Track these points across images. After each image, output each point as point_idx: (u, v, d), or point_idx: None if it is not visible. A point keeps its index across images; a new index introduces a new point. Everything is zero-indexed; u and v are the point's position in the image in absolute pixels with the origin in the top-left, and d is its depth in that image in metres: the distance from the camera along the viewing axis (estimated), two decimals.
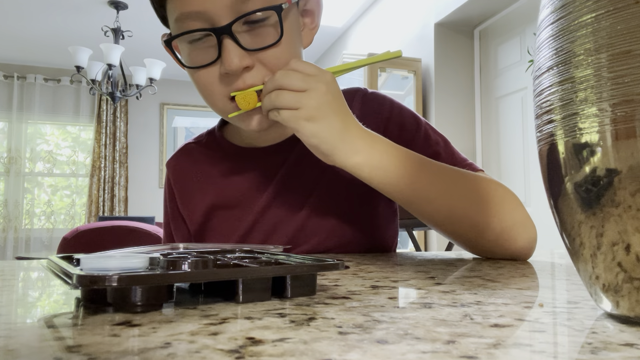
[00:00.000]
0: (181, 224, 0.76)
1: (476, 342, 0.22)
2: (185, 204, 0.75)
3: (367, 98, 0.74)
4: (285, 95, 0.52)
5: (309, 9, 0.66)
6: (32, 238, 5.00)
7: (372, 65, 2.86)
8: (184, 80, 5.52)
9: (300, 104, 0.52)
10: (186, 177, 0.76)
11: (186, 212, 0.75)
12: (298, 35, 0.63)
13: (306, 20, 0.66)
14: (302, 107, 0.52)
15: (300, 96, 0.52)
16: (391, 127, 0.71)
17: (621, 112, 0.23)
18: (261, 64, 0.57)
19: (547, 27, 0.27)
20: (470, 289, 0.37)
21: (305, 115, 0.52)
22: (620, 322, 0.25)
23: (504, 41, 2.72)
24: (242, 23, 0.56)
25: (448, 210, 0.59)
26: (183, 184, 0.76)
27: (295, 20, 0.62)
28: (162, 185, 5.39)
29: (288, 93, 0.52)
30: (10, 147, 4.96)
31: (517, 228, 0.60)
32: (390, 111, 0.73)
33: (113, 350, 0.20)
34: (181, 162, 0.78)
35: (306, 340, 0.22)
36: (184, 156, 0.79)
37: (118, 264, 0.30)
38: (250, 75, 0.57)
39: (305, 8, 0.65)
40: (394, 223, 0.79)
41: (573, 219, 0.26)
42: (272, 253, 0.44)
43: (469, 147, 2.88)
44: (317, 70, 0.54)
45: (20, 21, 3.96)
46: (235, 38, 0.55)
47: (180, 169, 0.77)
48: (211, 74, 0.58)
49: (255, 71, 0.57)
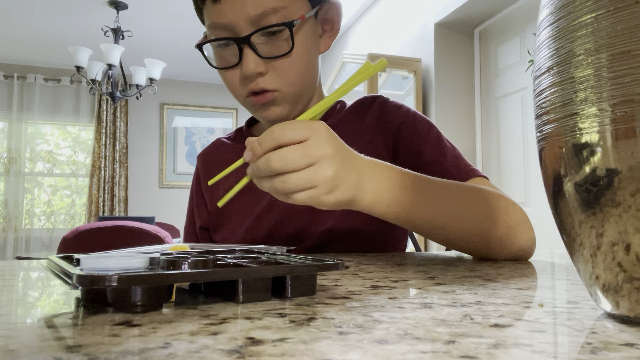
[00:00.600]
0: (203, 207, 0.85)
1: (476, 342, 0.22)
2: (209, 189, 0.84)
3: (385, 104, 0.80)
4: (293, 180, 0.45)
5: (329, 17, 0.73)
6: (32, 238, 4.99)
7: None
8: (184, 80, 5.52)
9: (314, 182, 0.46)
10: (212, 165, 0.86)
11: (208, 194, 0.84)
12: (314, 43, 0.71)
13: (326, 27, 0.73)
14: (319, 185, 0.46)
15: (311, 173, 0.45)
16: (404, 128, 0.76)
17: (621, 112, 0.23)
18: (274, 71, 0.66)
19: (547, 27, 0.27)
20: (470, 289, 0.37)
21: (325, 190, 0.47)
22: (620, 322, 0.25)
23: (504, 41, 2.72)
24: (261, 35, 0.65)
25: (459, 230, 0.59)
26: (209, 170, 0.86)
27: (312, 30, 0.69)
28: (162, 186, 5.39)
29: (295, 176, 0.45)
30: (10, 147, 4.96)
31: (519, 229, 0.61)
32: (404, 116, 0.77)
33: (113, 350, 0.20)
34: (210, 153, 0.88)
35: (306, 340, 0.22)
36: (214, 148, 0.89)
37: (118, 264, 0.30)
38: (263, 80, 0.66)
39: (325, 17, 0.73)
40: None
41: (573, 219, 0.26)
42: (273, 253, 0.44)
43: (469, 147, 2.88)
44: (308, 131, 0.46)
45: (20, 21, 3.96)
46: (254, 47, 0.64)
47: (208, 159, 0.88)
48: (234, 75, 0.68)
49: (268, 76, 0.66)
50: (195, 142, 5.55)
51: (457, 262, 0.59)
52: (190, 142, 5.54)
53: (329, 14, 0.73)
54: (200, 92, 5.57)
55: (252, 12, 0.63)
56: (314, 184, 0.46)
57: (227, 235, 0.80)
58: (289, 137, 0.45)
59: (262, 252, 0.44)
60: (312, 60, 0.71)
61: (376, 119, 0.78)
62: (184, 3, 3.62)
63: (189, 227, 0.88)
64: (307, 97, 0.75)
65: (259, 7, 0.63)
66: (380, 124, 0.77)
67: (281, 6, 0.64)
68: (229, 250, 0.46)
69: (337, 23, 0.74)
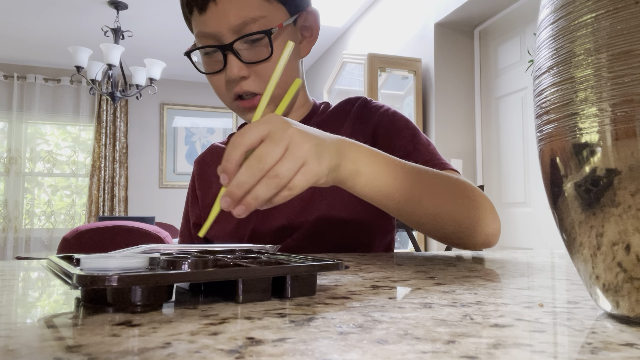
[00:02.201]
0: (196, 205, 0.89)
1: (476, 342, 0.22)
2: (202, 187, 0.89)
3: (366, 105, 0.84)
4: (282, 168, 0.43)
5: (308, 25, 0.78)
6: (32, 238, 4.99)
7: (372, 65, 2.86)
8: (184, 80, 5.52)
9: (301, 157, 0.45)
10: (207, 167, 0.90)
11: (200, 192, 0.88)
12: (294, 49, 0.73)
13: (305, 33, 0.78)
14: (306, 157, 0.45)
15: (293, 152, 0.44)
16: (381, 126, 0.80)
17: (621, 112, 0.23)
18: (256, 75, 0.72)
19: (547, 27, 0.27)
20: (470, 289, 0.37)
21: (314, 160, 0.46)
22: (620, 322, 0.25)
23: (504, 41, 2.72)
24: (243, 42, 0.70)
25: (433, 208, 0.60)
26: (203, 173, 0.90)
27: (291, 37, 0.74)
28: (162, 186, 5.39)
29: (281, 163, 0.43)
30: (10, 147, 4.96)
31: (488, 218, 0.64)
32: (383, 115, 0.81)
33: (113, 350, 0.20)
34: (205, 157, 0.93)
35: (306, 340, 0.22)
36: (209, 153, 0.93)
37: (118, 264, 0.30)
38: (247, 83, 0.72)
39: (304, 24, 0.78)
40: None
41: (573, 219, 0.26)
42: (273, 253, 0.44)
43: (469, 147, 2.88)
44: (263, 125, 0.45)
45: (20, 21, 3.96)
46: (236, 53, 0.70)
47: (203, 162, 0.92)
48: (220, 79, 0.74)
49: (251, 80, 0.72)
50: (195, 142, 5.55)
51: (457, 262, 0.59)
52: (190, 142, 5.54)
53: (307, 21, 0.78)
54: (200, 92, 5.57)
55: (234, 21, 0.69)
56: (302, 159, 0.44)
57: (217, 231, 0.83)
58: (251, 138, 0.43)
59: (262, 252, 0.44)
60: (293, 65, 0.76)
61: (356, 119, 0.82)
62: None
63: (184, 226, 0.92)
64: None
65: (240, 17, 0.69)
66: (359, 124, 0.81)
67: (260, 16, 0.69)
68: (229, 250, 0.46)
69: (316, 30, 0.79)
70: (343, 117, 0.83)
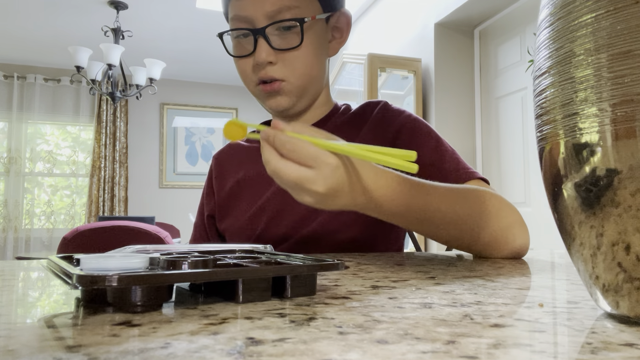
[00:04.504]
0: (212, 197, 0.92)
1: (476, 342, 0.22)
2: (219, 179, 0.92)
3: (387, 109, 0.84)
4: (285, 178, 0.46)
5: (339, 26, 0.81)
6: (32, 238, 4.99)
7: (372, 65, 2.86)
8: (184, 80, 5.52)
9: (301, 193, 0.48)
10: (225, 162, 0.93)
11: (217, 185, 0.91)
12: (323, 45, 0.78)
13: (336, 34, 0.81)
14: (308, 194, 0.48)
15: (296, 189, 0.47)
16: (403, 132, 0.79)
17: (621, 112, 0.23)
18: (282, 62, 0.73)
19: (547, 27, 0.27)
20: (470, 289, 0.37)
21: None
22: (620, 322, 0.25)
23: (504, 41, 2.72)
24: (275, 28, 0.73)
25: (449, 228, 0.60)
26: (221, 167, 0.94)
27: (322, 32, 0.77)
28: (162, 186, 5.39)
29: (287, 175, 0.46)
30: (10, 147, 4.96)
31: (513, 231, 0.64)
32: (404, 120, 0.80)
33: (113, 350, 0.20)
34: (224, 152, 0.96)
35: (306, 340, 0.22)
36: (227, 148, 0.96)
37: (118, 264, 0.30)
38: (273, 69, 0.73)
39: (336, 25, 0.80)
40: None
41: (573, 219, 0.26)
42: (273, 253, 0.44)
43: (469, 147, 2.88)
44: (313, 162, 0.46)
45: (20, 21, 3.96)
46: (267, 38, 0.72)
47: (222, 158, 0.95)
48: (247, 63, 0.76)
49: (277, 66, 0.73)
50: (195, 142, 5.55)
51: (457, 262, 0.59)
52: (190, 142, 5.53)
53: (339, 22, 0.80)
54: (200, 92, 5.57)
55: (270, 8, 0.71)
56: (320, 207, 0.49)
57: (231, 223, 0.86)
58: (296, 156, 0.45)
59: (262, 252, 0.44)
60: (320, 59, 0.78)
61: (377, 124, 0.82)
62: (184, 3, 3.62)
63: (198, 220, 0.95)
64: (312, 93, 0.80)
65: (275, 4, 0.71)
66: (380, 128, 0.81)
67: (295, 5, 0.72)
68: (229, 250, 0.46)
69: (346, 32, 0.82)
70: (363, 120, 0.83)
